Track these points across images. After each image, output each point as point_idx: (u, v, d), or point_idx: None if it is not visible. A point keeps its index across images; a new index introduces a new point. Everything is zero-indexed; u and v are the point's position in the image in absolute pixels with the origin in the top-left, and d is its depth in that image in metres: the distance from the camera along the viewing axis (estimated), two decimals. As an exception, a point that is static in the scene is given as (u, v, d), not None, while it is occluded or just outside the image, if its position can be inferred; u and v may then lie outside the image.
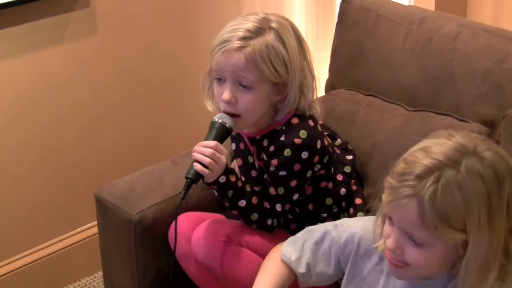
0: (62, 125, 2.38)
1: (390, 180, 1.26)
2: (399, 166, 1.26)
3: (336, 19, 2.21)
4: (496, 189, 1.22)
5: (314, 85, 1.77)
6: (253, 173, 1.82)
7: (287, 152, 1.69)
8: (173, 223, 1.80)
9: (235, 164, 1.88)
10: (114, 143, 2.52)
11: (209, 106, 1.78)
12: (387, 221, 1.30)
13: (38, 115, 2.31)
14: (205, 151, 1.63)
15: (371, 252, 1.45)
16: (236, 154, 1.87)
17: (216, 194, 1.72)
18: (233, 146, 1.87)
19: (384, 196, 1.28)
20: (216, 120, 1.69)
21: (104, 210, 1.89)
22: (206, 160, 1.63)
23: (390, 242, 1.28)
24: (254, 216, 1.73)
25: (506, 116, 1.72)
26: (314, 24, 2.92)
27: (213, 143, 1.65)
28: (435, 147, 1.24)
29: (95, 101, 2.43)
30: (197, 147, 1.65)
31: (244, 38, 1.65)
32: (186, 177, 1.65)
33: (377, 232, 1.36)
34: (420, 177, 1.21)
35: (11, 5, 2.12)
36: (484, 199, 1.21)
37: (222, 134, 1.69)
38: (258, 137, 1.77)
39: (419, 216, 1.21)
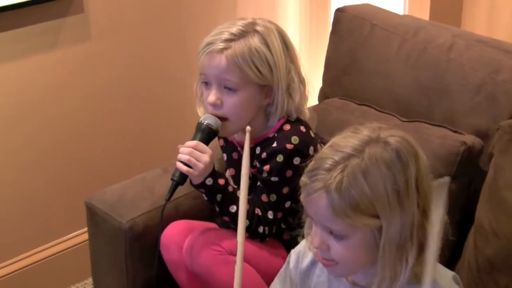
0: (54, 131, 2.36)
1: (302, 179, 1.29)
2: (310, 164, 1.30)
3: (330, 27, 2.20)
4: (401, 171, 1.24)
5: (303, 89, 1.77)
6: (247, 182, 1.81)
7: (279, 157, 1.69)
8: (165, 231, 1.79)
9: (228, 175, 1.87)
10: (106, 149, 2.51)
11: (200, 112, 1.79)
12: (312, 222, 1.33)
13: (29, 120, 2.30)
14: (184, 150, 1.65)
15: (313, 265, 1.46)
16: (228, 164, 1.87)
17: (205, 198, 1.72)
18: (225, 156, 1.87)
19: (301, 196, 1.30)
20: (201, 121, 1.70)
21: (95, 218, 1.88)
22: (185, 157, 1.64)
23: (315, 241, 1.31)
24: (245, 223, 1.71)
25: (500, 128, 1.71)
26: (308, 33, 2.92)
27: (194, 142, 1.66)
28: (341, 141, 1.29)
29: (87, 107, 2.42)
30: (180, 148, 1.67)
31: (227, 40, 1.66)
32: (172, 179, 1.67)
33: (307, 232, 1.38)
34: (328, 170, 1.25)
35: (4, 9, 2.11)
36: (390, 182, 1.23)
37: (207, 135, 1.69)
38: (251, 145, 1.76)
39: (330, 207, 1.24)
